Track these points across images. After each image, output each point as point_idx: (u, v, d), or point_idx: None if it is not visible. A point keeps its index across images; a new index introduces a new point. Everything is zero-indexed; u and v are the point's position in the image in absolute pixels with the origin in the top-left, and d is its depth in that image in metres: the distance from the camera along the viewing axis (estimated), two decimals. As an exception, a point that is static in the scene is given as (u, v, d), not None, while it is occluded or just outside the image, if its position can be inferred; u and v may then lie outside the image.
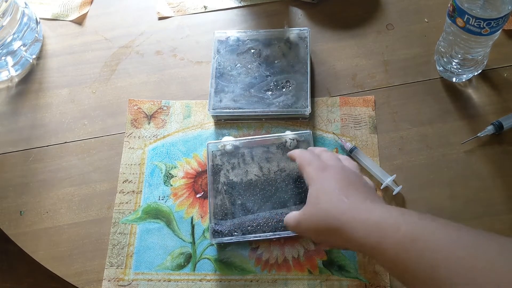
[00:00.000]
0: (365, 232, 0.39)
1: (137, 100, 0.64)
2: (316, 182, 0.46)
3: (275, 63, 0.63)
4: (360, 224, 0.39)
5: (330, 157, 0.49)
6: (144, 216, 0.56)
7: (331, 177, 0.45)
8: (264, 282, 0.52)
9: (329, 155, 0.50)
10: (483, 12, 0.51)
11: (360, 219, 0.40)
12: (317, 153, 0.50)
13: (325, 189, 0.44)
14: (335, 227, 0.41)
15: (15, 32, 0.65)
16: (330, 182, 0.45)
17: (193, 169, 0.59)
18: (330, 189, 0.44)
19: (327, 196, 0.44)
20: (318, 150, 0.51)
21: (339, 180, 0.45)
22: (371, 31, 0.67)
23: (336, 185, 0.44)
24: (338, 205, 0.42)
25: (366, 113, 0.60)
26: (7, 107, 0.65)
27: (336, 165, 0.47)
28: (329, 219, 0.42)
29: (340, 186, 0.44)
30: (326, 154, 0.50)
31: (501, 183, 0.55)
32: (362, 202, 0.42)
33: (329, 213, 0.42)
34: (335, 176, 0.45)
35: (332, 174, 0.46)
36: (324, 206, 0.43)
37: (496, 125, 0.56)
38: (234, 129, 0.61)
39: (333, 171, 0.46)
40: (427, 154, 0.57)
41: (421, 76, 0.63)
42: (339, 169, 0.47)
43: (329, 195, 0.43)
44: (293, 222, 0.46)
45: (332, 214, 0.42)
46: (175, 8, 0.72)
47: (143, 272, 0.53)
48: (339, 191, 0.43)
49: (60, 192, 0.59)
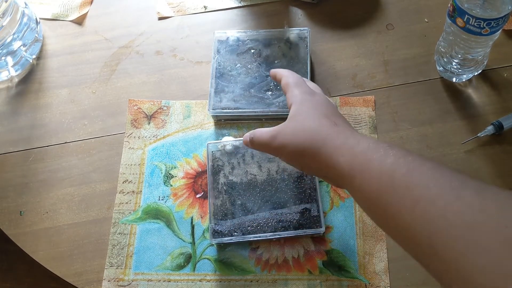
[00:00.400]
0: (349, 158, 0.36)
1: (137, 100, 0.64)
2: (303, 103, 0.44)
3: (275, 63, 0.63)
4: (346, 150, 0.37)
5: (316, 87, 0.49)
6: (144, 216, 0.56)
7: (320, 102, 0.44)
8: (264, 282, 0.51)
9: (315, 85, 0.50)
10: (483, 12, 0.51)
11: (348, 145, 0.38)
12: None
13: (314, 111, 0.42)
14: (317, 148, 0.39)
15: (15, 32, 0.65)
16: (319, 106, 0.43)
17: (193, 169, 0.59)
18: (318, 111, 0.42)
19: (315, 117, 0.42)
20: (304, 78, 0.50)
21: (328, 107, 0.44)
22: (371, 31, 0.67)
23: (325, 111, 0.43)
24: (327, 127, 0.40)
25: (366, 113, 0.60)
26: (7, 107, 0.65)
27: (323, 94, 0.47)
28: (313, 138, 0.40)
29: (330, 113, 0.43)
30: (312, 83, 0.50)
31: (501, 183, 0.55)
32: (351, 131, 0.40)
33: (314, 132, 0.40)
34: (323, 102, 0.44)
35: (321, 100, 0.44)
36: (311, 124, 0.41)
37: (496, 125, 0.56)
38: (234, 129, 0.61)
39: (322, 98, 0.45)
40: (427, 154, 0.57)
41: (421, 76, 0.63)
42: (327, 98, 0.46)
43: (318, 116, 0.42)
44: (266, 136, 0.43)
45: (318, 134, 0.40)
46: (175, 8, 0.72)
47: (143, 272, 0.53)
48: (328, 116, 0.42)
49: (60, 192, 0.59)
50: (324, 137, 0.39)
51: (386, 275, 0.51)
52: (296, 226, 0.52)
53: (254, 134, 0.45)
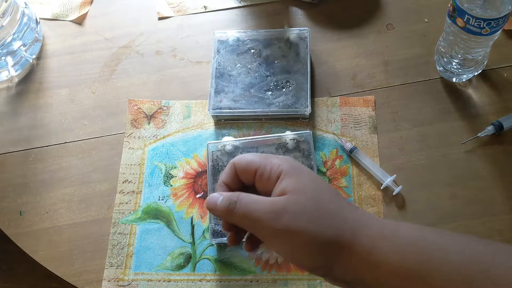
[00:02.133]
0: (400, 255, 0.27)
1: (137, 100, 0.64)
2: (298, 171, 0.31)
3: (275, 63, 0.63)
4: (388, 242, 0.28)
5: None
6: (144, 216, 0.56)
7: (314, 177, 0.32)
8: (264, 282, 0.51)
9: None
10: (483, 12, 0.51)
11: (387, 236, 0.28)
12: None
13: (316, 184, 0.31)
14: (348, 240, 0.28)
15: (15, 32, 0.65)
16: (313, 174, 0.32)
17: (193, 169, 0.59)
18: (322, 183, 0.31)
19: (326, 191, 0.30)
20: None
21: (326, 185, 0.32)
22: (371, 31, 0.67)
23: (328, 188, 0.31)
24: (349, 208, 0.30)
25: (366, 113, 0.60)
26: (7, 107, 0.65)
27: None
28: (340, 224, 0.28)
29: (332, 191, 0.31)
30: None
31: (501, 183, 0.55)
32: (371, 215, 0.31)
33: (338, 216, 0.29)
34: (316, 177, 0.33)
35: (313, 175, 0.33)
36: (328, 204, 0.29)
37: (496, 125, 0.56)
38: (234, 129, 0.61)
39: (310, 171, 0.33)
40: (427, 154, 0.57)
41: (421, 76, 0.63)
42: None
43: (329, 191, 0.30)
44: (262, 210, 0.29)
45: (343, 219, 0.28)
46: (175, 8, 0.72)
47: (143, 272, 0.53)
48: (336, 191, 0.32)
49: (60, 192, 0.59)
50: (353, 225, 0.28)
51: (386, 275, 0.51)
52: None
53: (240, 199, 0.30)
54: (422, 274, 0.26)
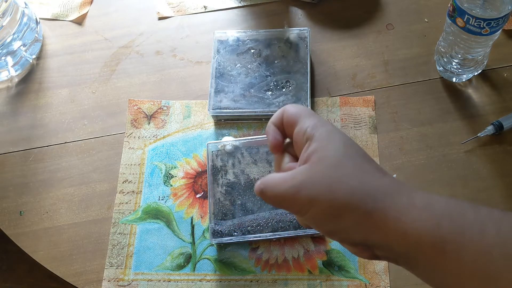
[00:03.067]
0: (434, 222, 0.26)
1: (137, 100, 0.64)
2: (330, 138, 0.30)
3: (275, 63, 0.63)
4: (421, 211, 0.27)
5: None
6: (144, 216, 0.56)
7: (347, 136, 0.31)
8: (264, 282, 0.51)
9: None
10: (483, 12, 0.51)
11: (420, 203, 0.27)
12: None
13: (346, 150, 0.30)
14: (369, 207, 0.28)
15: (15, 32, 0.65)
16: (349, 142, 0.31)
17: (193, 169, 0.59)
18: (353, 150, 0.30)
19: (353, 160, 0.30)
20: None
21: (356, 144, 0.31)
22: (371, 31, 0.67)
23: (358, 149, 0.31)
24: (375, 178, 0.29)
25: (366, 113, 0.60)
26: (7, 107, 0.65)
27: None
28: (360, 192, 0.28)
29: (363, 152, 0.31)
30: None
31: (501, 183, 0.55)
32: (403, 182, 0.30)
33: (359, 184, 0.28)
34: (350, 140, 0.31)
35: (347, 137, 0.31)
36: (351, 172, 0.29)
37: (496, 125, 0.56)
38: (234, 129, 0.61)
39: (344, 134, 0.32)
40: (427, 154, 0.57)
41: (421, 76, 0.63)
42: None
43: (357, 160, 0.30)
44: (284, 187, 0.30)
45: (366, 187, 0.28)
46: (175, 8, 0.72)
47: (143, 272, 0.53)
48: (368, 159, 0.30)
49: (60, 192, 0.59)
50: (375, 192, 0.28)
51: (386, 275, 0.51)
52: (296, 226, 0.52)
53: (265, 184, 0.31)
54: (457, 247, 0.26)
